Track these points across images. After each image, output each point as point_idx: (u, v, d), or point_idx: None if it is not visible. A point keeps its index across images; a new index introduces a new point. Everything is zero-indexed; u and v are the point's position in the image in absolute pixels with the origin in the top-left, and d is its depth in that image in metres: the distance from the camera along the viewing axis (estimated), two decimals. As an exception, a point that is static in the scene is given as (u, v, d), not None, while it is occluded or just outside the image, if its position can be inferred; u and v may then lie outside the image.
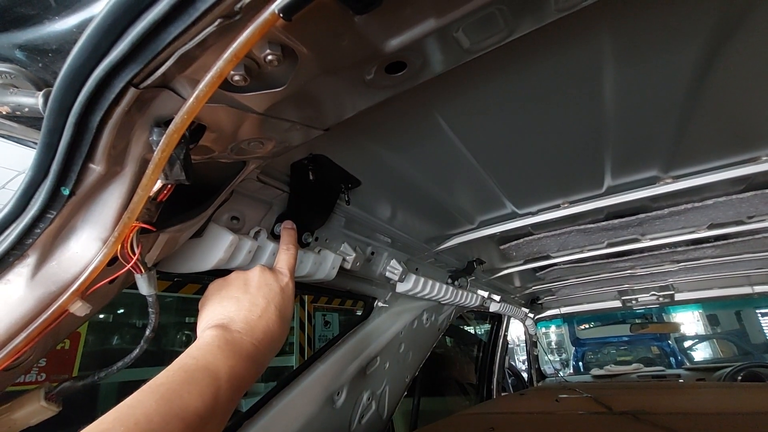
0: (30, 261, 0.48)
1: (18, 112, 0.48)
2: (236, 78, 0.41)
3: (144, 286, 0.58)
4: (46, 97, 0.44)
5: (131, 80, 0.38)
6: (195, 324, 0.63)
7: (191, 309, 4.84)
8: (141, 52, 0.36)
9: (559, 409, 1.74)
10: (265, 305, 0.62)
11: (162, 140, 0.42)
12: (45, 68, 0.47)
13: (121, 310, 4.29)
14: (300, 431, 1.16)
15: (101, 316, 4.12)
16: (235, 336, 0.55)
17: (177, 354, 0.50)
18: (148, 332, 0.61)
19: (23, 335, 0.48)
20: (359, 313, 1.61)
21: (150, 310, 0.61)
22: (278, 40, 0.39)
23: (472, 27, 0.45)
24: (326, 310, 6.54)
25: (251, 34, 0.33)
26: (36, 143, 0.47)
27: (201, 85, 0.37)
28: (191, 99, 0.38)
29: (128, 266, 0.53)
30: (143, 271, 0.57)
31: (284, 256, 0.77)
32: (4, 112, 0.48)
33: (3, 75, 0.48)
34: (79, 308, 0.51)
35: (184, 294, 4.28)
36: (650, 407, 1.48)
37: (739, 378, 3.37)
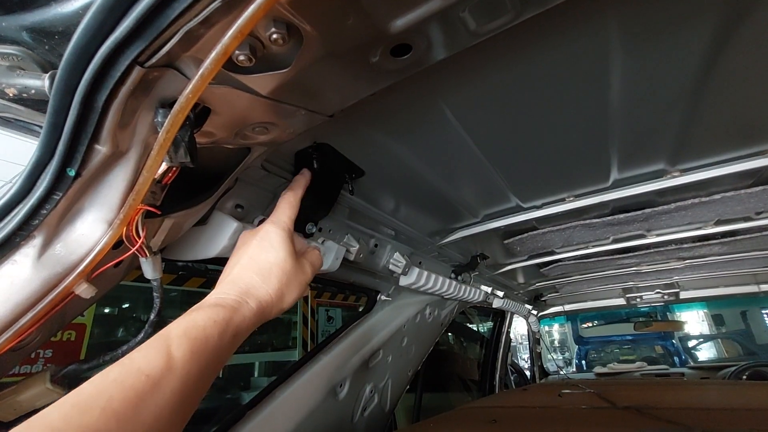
0: (36, 242, 0.48)
1: (24, 95, 0.48)
2: (241, 58, 0.41)
3: (149, 270, 0.58)
4: (52, 79, 0.44)
5: (136, 58, 0.38)
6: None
7: (197, 303, 4.87)
8: (146, 28, 0.36)
9: (562, 403, 1.73)
10: (236, 259, 0.60)
11: (167, 120, 0.42)
12: (51, 50, 0.47)
13: (126, 304, 4.33)
14: (303, 422, 1.17)
15: (106, 309, 4.16)
16: (201, 302, 0.53)
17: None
18: (152, 316, 0.61)
19: (29, 316, 0.49)
20: (362, 309, 1.62)
21: (155, 294, 0.61)
22: (283, 18, 0.39)
23: (478, 7, 0.44)
24: (329, 305, 6.57)
25: (256, 9, 0.33)
26: (42, 126, 0.48)
27: (206, 63, 0.37)
28: (196, 77, 0.38)
29: (133, 249, 0.54)
30: (148, 254, 0.57)
31: (278, 204, 0.70)
32: (11, 94, 0.48)
33: (10, 57, 0.48)
34: (84, 290, 0.52)
35: (189, 287, 4.32)
36: (654, 402, 1.47)
37: (744, 377, 3.35)
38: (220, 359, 0.48)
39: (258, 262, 0.59)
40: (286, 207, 0.69)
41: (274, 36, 0.40)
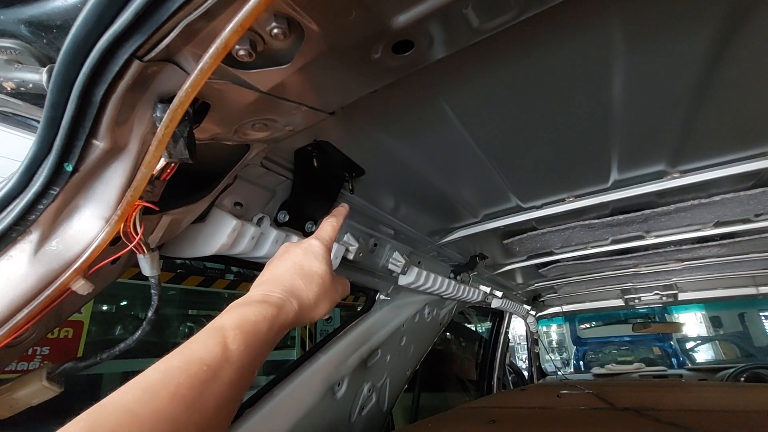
0: (33, 237, 0.48)
1: (22, 89, 0.47)
2: (241, 53, 0.41)
3: (146, 266, 0.58)
4: (49, 74, 0.43)
5: (135, 52, 0.38)
6: (196, 316, 0.61)
7: (194, 301, 4.87)
8: (145, 22, 0.35)
9: (561, 404, 1.73)
10: (280, 263, 0.62)
11: (165, 116, 0.42)
12: (49, 44, 0.46)
13: (124, 302, 4.32)
14: (301, 421, 1.16)
15: (104, 307, 4.15)
16: (245, 297, 0.55)
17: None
18: (150, 314, 0.61)
19: (25, 312, 0.48)
20: (361, 308, 1.61)
21: (152, 291, 0.60)
22: (284, 13, 0.38)
23: (481, 4, 0.44)
24: (328, 305, 6.55)
25: (257, 3, 0.33)
26: (39, 121, 0.47)
27: (206, 57, 0.36)
28: (196, 71, 0.37)
29: (131, 246, 0.53)
30: (145, 251, 0.56)
31: (321, 225, 0.73)
32: (9, 88, 0.48)
33: (8, 51, 0.48)
34: (81, 287, 0.51)
35: (187, 285, 4.31)
36: (653, 404, 1.47)
37: (742, 379, 3.35)
38: (265, 353, 0.50)
39: (303, 268, 0.61)
40: (329, 229, 0.71)
41: (275, 31, 0.39)
